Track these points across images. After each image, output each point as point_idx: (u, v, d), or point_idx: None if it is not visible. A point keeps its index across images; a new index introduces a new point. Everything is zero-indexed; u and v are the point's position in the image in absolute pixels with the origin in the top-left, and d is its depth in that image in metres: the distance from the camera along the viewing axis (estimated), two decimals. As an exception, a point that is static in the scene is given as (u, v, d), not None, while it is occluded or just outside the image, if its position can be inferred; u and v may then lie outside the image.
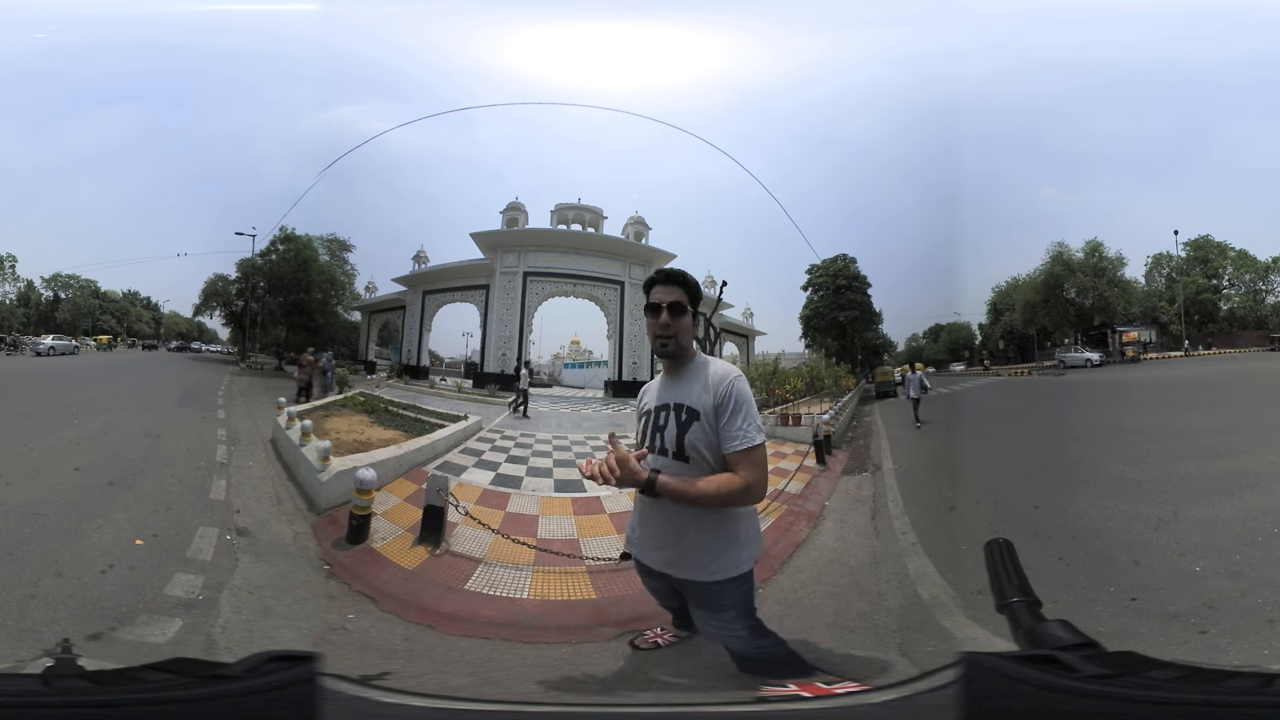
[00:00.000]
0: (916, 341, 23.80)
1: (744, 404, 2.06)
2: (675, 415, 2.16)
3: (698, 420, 2.10)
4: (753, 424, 2.05)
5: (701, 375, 2.16)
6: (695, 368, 2.21)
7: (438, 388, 14.82)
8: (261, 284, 15.56)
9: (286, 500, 5.26)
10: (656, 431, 2.20)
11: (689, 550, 2.16)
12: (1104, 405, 11.69)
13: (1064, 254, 21.53)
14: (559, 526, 5.14)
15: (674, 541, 2.19)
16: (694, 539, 2.15)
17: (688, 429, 2.11)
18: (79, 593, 3.27)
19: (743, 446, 2.02)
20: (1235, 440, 6.56)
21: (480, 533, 4.50)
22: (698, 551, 2.15)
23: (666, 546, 2.23)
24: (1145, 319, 23.95)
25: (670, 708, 1.39)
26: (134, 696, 1.03)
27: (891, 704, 1.15)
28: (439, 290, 16.58)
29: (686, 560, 2.18)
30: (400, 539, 4.50)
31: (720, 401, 2.07)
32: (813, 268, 16.42)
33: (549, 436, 9.34)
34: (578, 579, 4.04)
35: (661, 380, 2.32)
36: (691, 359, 2.24)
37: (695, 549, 2.15)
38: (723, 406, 2.06)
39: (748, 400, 2.08)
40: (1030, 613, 1.11)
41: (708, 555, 2.14)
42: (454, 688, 2.58)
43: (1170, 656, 1.38)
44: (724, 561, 2.14)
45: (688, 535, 2.15)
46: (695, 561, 2.16)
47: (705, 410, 2.10)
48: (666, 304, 2.17)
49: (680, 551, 2.18)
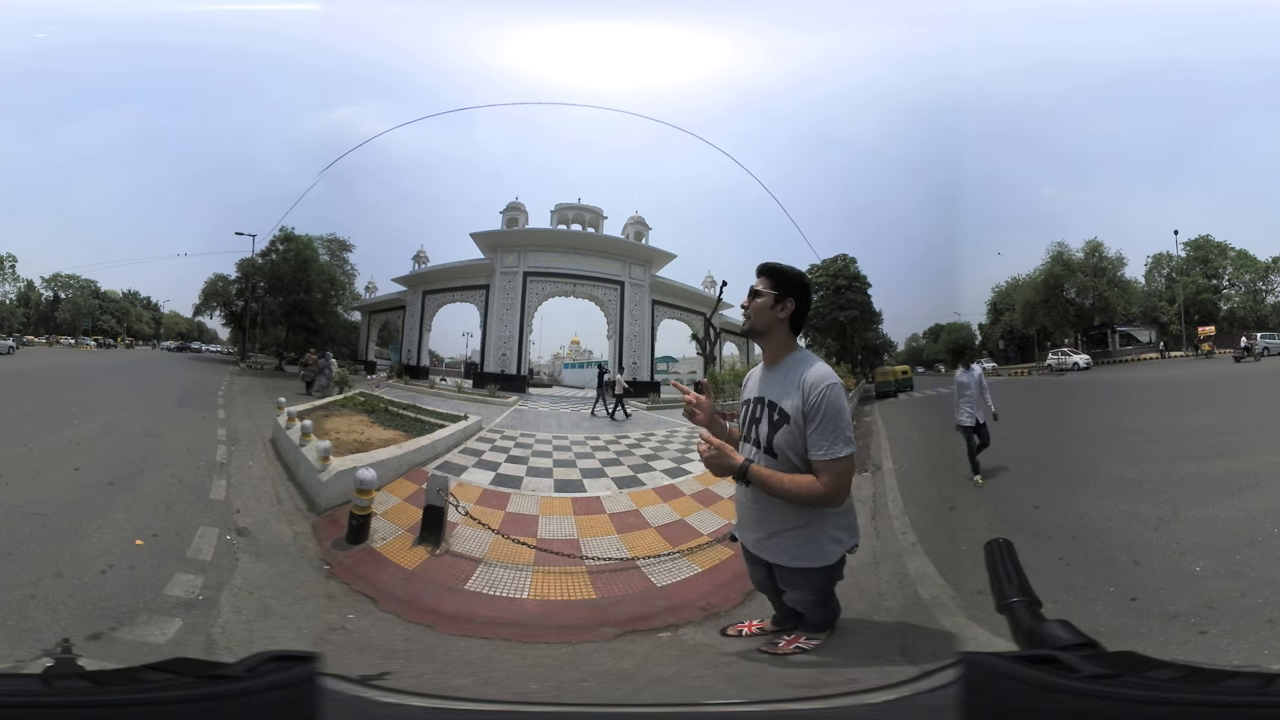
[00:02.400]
0: (916, 341, 23.78)
1: (833, 415, 2.16)
2: (769, 413, 2.31)
3: (787, 424, 2.24)
4: (840, 436, 2.14)
5: (795, 374, 2.28)
6: (791, 363, 2.35)
7: (438, 388, 14.81)
8: (261, 284, 15.56)
9: (286, 500, 5.25)
10: (753, 424, 2.38)
11: (776, 536, 2.37)
12: (1104, 405, 11.69)
13: (1064, 254, 21.53)
14: (559, 526, 5.14)
15: (763, 525, 2.40)
16: (780, 527, 2.34)
17: (778, 430, 2.27)
18: (79, 593, 3.26)
19: (826, 457, 2.14)
20: (1235, 440, 6.55)
21: (480, 533, 4.50)
22: (783, 539, 2.35)
23: (758, 529, 2.44)
24: (1145, 319, 23.93)
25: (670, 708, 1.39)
26: (134, 696, 1.03)
27: (891, 704, 1.16)
28: (439, 290, 16.57)
29: (773, 545, 2.39)
30: (400, 539, 4.50)
31: (810, 410, 2.18)
32: (813, 268, 16.41)
33: (549, 436, 9.33)
34: (578, 579, 4.04)
35: (761, 369, 2.50)
36: (790, 352, 2.40)
37: (782, 536, 2.35)
38: (811, 415, 2.18)
39: (837, 411, 2.17)
40: (1030, 613, 1.11)
41: (791, 544, 2.33)
42: (454, 688, 2.58)
43: (1170, 656, 1.38)
44: (807, 550, 2.31)
45: (775, 523, 2.35)
46: (779, 547, 2.37)
47: (795, 415, 2.22)
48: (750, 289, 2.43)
49: (767, 535, 2.39)
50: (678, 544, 4.60)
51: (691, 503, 5.83)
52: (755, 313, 2.41)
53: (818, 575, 2.36)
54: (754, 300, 2.41)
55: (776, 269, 2.44)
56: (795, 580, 2.42)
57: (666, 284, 16.21)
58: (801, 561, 2.33)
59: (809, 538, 2.31)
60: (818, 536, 2.30)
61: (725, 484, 6.53)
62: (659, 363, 16.25)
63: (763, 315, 2.40)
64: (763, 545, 2.43)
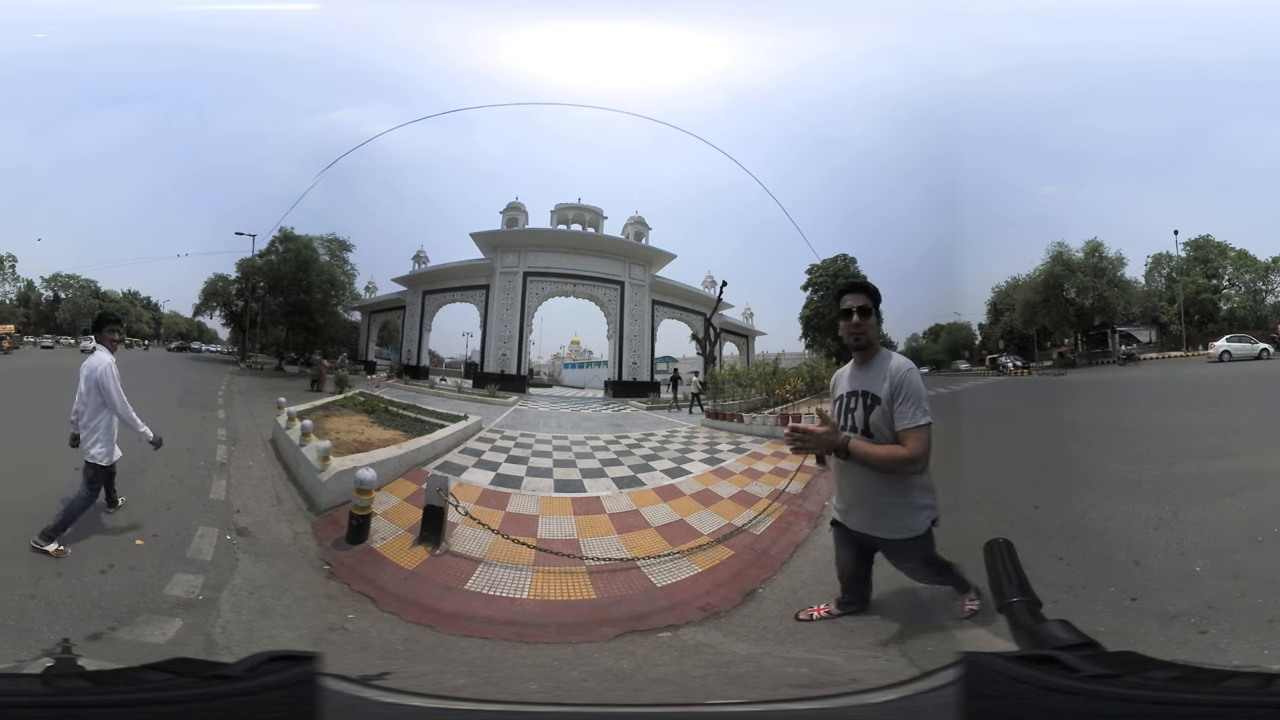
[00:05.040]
0: (916, 341, 23.79)
1: (913, 391, 2.54)
2: (863, 400, 2.66)
3: (879, 405, 2.60)
4: (919, 408, 2.52)
5: (883, 367, 2.65)
6: (879, 360, 2.71)
7: (438, 388, 14.80)
8: (261, 284, 15.56)
9: (286, 500, 5.25)
10: (848, 414, 2.71)
11: (877, 511, 2.70)
12: (1103, 405, 11.69)
13: (1064, 254, 21.53)
14: (559, 526, 5.14)
15: (864, 501, 2.73)
16: (879, 501, 2.67)
17: (871, 411, 2.62)
18: (79, 593, 3.27)
19: (909, 426, 2.52)
20: (1235, 440, 6.55)
21: (480, 533, 4.50)
22: (883, 514, 2.68)
23: (860, 506, 2.76)
24: (1145, 319, 23.94)
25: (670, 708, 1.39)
26: (134, 696, 1.03)
27: (891, 704, 1.16)
28: (439, 290, 16.58)
29: (877, 519, 2.71)
30: (400, 539, 4.50)
31: (894, 390, 2.56)
32: (813, 268, 16.45)
33: (549, 436, 9.33)
34: (577, 579, 4.04)
35: (851, 369, 2.83)
36: (877, 353, 2.74)
37: (881, 511, 2.69)
38: (896, 393, 2.55)
39: (917, 388, 2.55)
40: (1030, 613, 1.11)
41: (892, 518, 2.66)
42: (454, 688, 2.58)
43: (1170, 656, 1.38)
44: (905, 522, 2.64)
45: (874, 497, 2.68)
46: (881, 521, 2.70)
47: (884, 396, 2.59)
48: (856, 308, 2.70)
49: (870, 511, 2.72)
50: (678, 544, 4.60)
51: (691, 503, 5.84)
52: (871, 331, 2.72)
53: (918, 544, 2.68)
54: (867, 319, 2.70)
55: (873, 288, 2.77)
56: (900, 551, 2.76)
57: (666, 284, 16.22)
58: (901, 533, 2.66)
59: (904, 512, 2.64)
60: (910, 509, 2.63)
61: (725, 484, 6.54)
62: (659, 362, 16.26)
63: (874, 331, 2.76)
64: (868, 521, 2.75)
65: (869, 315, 2.72)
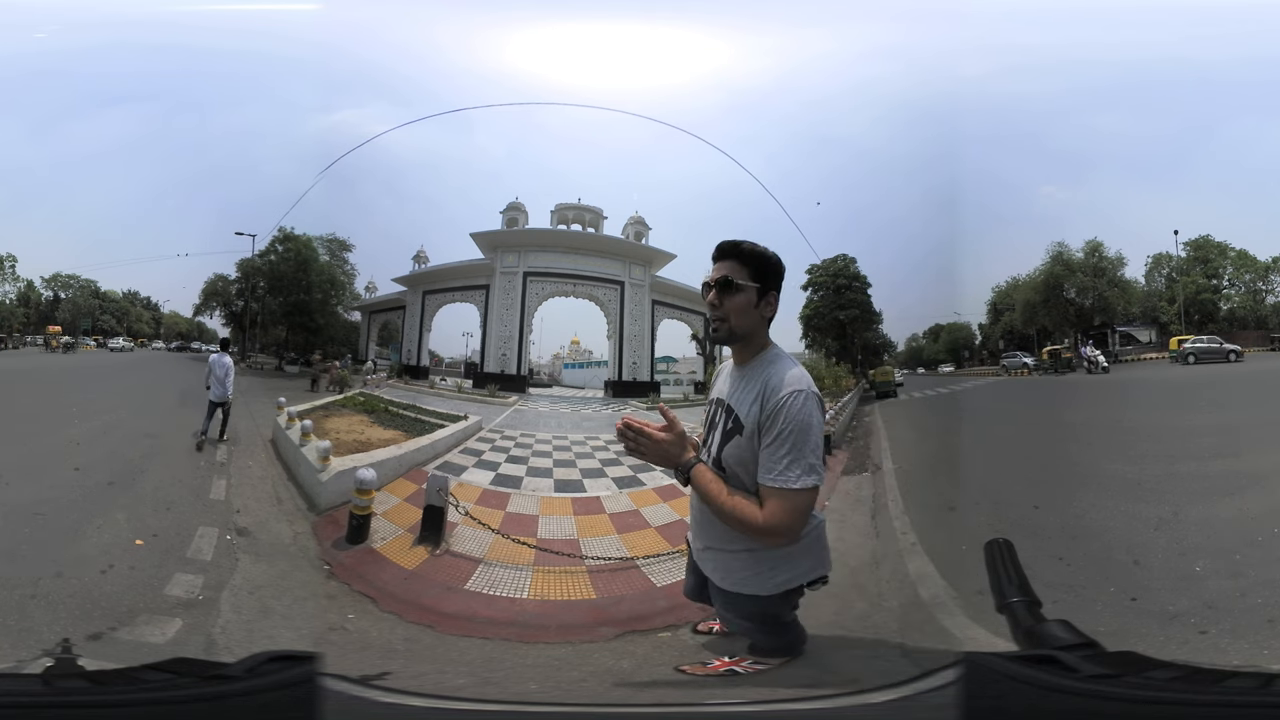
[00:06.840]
0: (916, 341, 23.80)
1: (793, 432, 1.67)
2: (724, 420, 1.87)
3: (740, 434, 1.79)
4: (800, 461, 1.66)
5: (761, 378, 1.80)
6: (761, 363, 1.86)
7: (437, 388, 14.81)
8: (261, 284, 15.56)
9: (286, 500, 5.25)
10: (711, 428, 1.95)
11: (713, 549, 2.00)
12: (1103, 405, 11.68)
13: (1064, 254, 21.52)
14: (559, 526, 5.14)
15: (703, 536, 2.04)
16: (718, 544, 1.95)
17: (728, 441, 1.82)
18: (79, 593, 3.27)
19: (775, 485, 1.66)
20: (1235, 440, 6.55)
21: (480, 533, 4.50)
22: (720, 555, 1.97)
23: (699, 538, 2.08)
24: (1145, 319, 23.93)
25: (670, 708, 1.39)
26: (134, 696, 1.03)
27: (891, 704, 1.16)
28: (439, 290, 16.58)
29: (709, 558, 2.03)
30: (400, 539, 4.50)
31: (766, 421, 1.72)
32: (813, 267, 16.42)
33: (549, 436, 9.33)
34: (577, 579, 4.04)
35: (730, 367, 2.03)
36: (763, 350, 1.89)
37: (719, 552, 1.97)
38: (768, 427, 1.71)
39: (801, 427, 1.68)
40: (1030, 613, 1.11)
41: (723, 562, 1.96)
42: (454, 688, 2.58)
43: (1170, 656, 1.38)
44: (742, 577, 1.92)
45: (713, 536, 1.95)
46: (714, 562, 2.00)
47: (750, 425, 1.77)
48: (715, 281, 1.84)
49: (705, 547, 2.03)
50: (678, 544, 4.59)
51: (691, 503, 5.83)
52: (736, 315, 1.84)
53: (754, 603, 1.93)
54: (730, 297, 1.83)
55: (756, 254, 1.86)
56: (729, 603, 2.00)
57: (666, 284, 16.21)
58: (733, 585, 1.92)
59: (748, 562, 1.89)
60: (758, 563, 1.87)
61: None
62: (659, 363, 16.25)
63: (746, 317, 1.85)
64: (702, 556, 2.05)
65: (735, 292, 1.82)
